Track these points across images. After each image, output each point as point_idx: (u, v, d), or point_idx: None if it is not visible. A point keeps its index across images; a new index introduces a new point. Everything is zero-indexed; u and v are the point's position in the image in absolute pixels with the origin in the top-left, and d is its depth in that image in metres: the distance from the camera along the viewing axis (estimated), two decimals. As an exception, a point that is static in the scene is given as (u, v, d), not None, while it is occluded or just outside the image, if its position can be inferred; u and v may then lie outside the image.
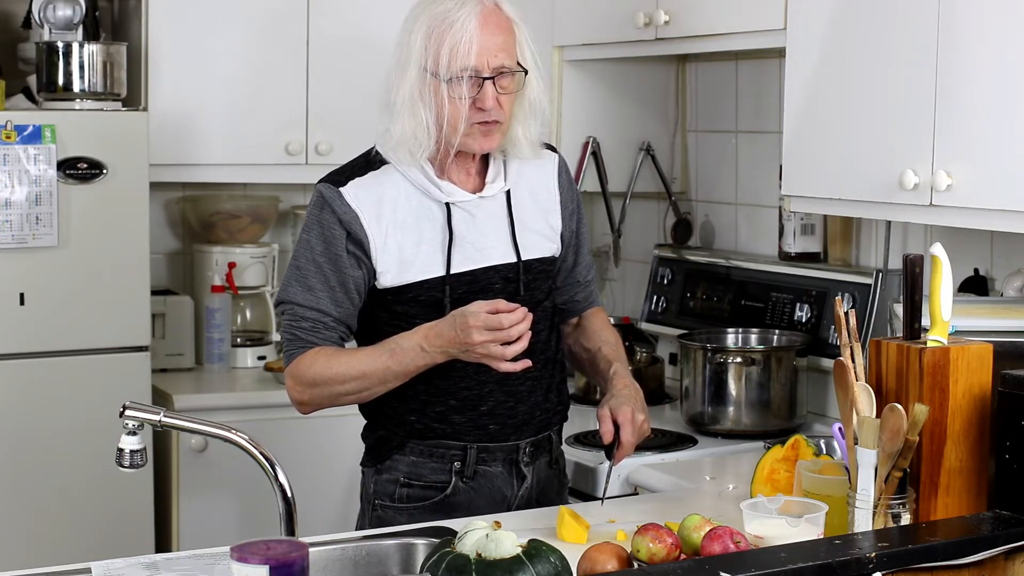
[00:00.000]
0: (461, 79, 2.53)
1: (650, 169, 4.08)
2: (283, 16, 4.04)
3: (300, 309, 2.60)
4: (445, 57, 2.53)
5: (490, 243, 2.63)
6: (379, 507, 2.67)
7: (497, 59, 2.55)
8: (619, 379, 2.71)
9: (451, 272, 2.59)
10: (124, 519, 3.71)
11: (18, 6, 4.09)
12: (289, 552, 1.78)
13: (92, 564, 2.23)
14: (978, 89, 2.65)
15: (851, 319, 2.25)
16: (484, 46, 2.53)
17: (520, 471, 2.66)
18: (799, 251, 3.67)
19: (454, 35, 2.53)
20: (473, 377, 2.61)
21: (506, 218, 2.66)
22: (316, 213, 2.61)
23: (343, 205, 2.59)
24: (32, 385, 3.63)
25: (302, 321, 2.60)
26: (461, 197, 2.62)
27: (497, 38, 2.55)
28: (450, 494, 2.63)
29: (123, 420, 2.15)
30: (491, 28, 2.55)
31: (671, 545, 2.14)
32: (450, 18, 2.54)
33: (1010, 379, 2.20)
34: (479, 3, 2.56)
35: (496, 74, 2.55)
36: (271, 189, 4.39)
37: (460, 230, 2.61)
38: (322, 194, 2.61)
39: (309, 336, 2.60)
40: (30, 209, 3.57)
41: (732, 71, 3.95)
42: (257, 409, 3.85)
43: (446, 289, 2.59)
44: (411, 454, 2.64)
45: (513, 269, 2.65)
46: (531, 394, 2.67)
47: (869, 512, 2.16)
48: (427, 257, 2.60)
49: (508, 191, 2.67)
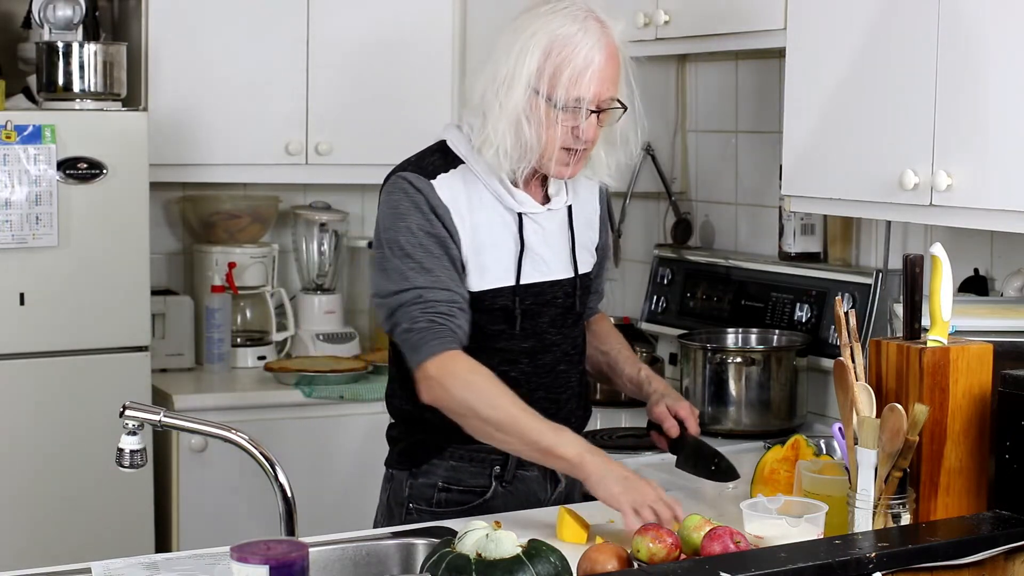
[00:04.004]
0: (576, 110, 2.48)
1: (650, 169, 4.08)
2: (283, 16, 4.04)
3: (428, 292, 2.47)
4: (564, 84, 2.46)
5: (554, 257, 2.63)
6: (414, 511, 2.64)
7: (608, 92, 2.50)
8: (656, 380, 2.78)
9: (520, 283, 2.59)
10: (124, 519, 3.71)
11: (18, 6, 4.09)
12: (289, 552, 1.78)
13: (92, 564, 2.23)
14: (978, 89, 2.65)
15: (851, 319, 2.25)
16: (603, 79, 2.48)
17: (555, 475, 2.67)
18: (799, 251, 3.66)
19: (576, 64, 2.46)
20: (524, 386, 2.59)
21: (567, 232, 2.66)
22: (408, 201, 2.52)
23: (436, 197, 2.52)
24: (32, 385, 3.63)
25: (437, 304, 2.47)
26: (533, 208, 2.59)
27: (612, 72, 2.50)
28: (489, 499, 2.62)
29: (123, 420, 2.15)
30: (610, 61, 2.49)
31: (671, 545, 2.14)
32: (573, 43, 2.47)
33: (1010, 379, 2.20)
34: (603, 31, 2.49)
35: (602, 109, 2.51)
36: (271, 189, 4.39)
37: (531, 241, 2.59)
38: (412, 183, 2.53)
39: (449, 322, 2.47)
40: (30, 209, 3.57)
41: (732, 71, 3.94)
42: (257, 409, 3.85)
43: (516, 300, 2.58)
44: (451, 459, 2.61)
45: (571, 284, 2.66)
46: (568, 403, 2.70)
47: (869, 512, 2.16)
48: (500, 265, 2.57)
49: (570, 206, 2.67)
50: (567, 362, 2.69)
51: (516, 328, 2.59)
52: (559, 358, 2.67)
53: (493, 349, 2.59)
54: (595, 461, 2.41)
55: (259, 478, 2.22)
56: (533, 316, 2.61)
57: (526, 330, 2.61)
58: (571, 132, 2.50)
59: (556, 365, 2.67)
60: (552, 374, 2.66)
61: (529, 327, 2.61)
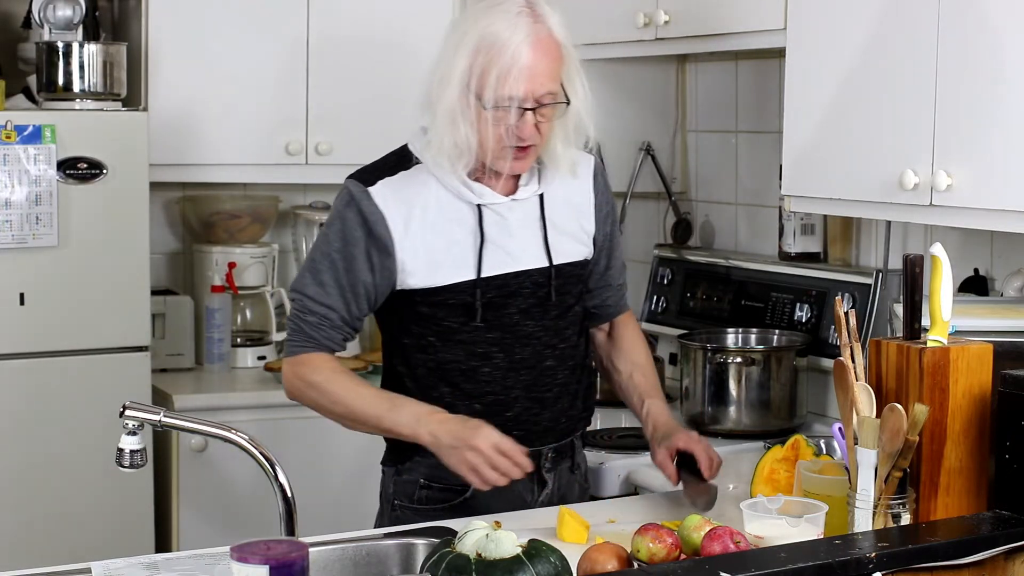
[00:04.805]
0: (507, 108, 2.47)
1: (650, 169, 4.08)
2: (283, 16, 4.04)
3: (309, 302, 2.58)
4: (491, 84, 2.46)
5: (521, 247, 2.60)
6: (398, 507, 2.65)
7: (543, 88, 2.48)
8: (655, 416, 2.71)
9: (482, 276, 2.57)
10: (124, 519, 3.71)
11: (18, 6, 4.09)
12: (289, 552, 1.78)
13: (92, 564, 2.23)
14: (978, 89, 2.65)
15: (851, 319, 2.25)
16: (533, 76, 2.46)
17: (541, 477, 2.65)
18: (799, 251, 3.66)
19: (503, 63, 2.45)
20: (500, 382, 2.59)
21: (539, 221, 2.62)
22: (341, 209, 2.58)
23: (370, 204, 2.55)
24: (32, 385, 3.63)
25: (309, 315, 2.58)
26: (493, 199, 2.58)
27: (546, 66, 2.48)
28: (469, 497, 2.60)
29: (123, 420, 2.15)
30: (541, 57, 2.47)
31: (671, 545, 2.14)
32: (500, 42, 2.45)
33: (1010, 379, 2.20)
34: (533, 26, 2.47)
35: (539, 105, 2.49)
36: (271, 189, 4.39)
37: (491, 233, 2.57)
38: (350, 191, 2.58)
39: (313, 332, 2.58)
40: (30, 209, 3.57)
41: (732, 71, 3.94)
42: (257, 409, 3.85)
43: (477, 293, 2.56)
44: (432, 456, 2.60)
45: (544, 274, 2.62)
46: (557, 401, 2.65)
47: (869, 512, 2.16)
48: (457, 260, 2.56)
49: (541, 194, 2.63)
50: (555, 357, 2.64)
51: (477, 319, 2.57)
52: (542, 352, 2.63)
53: (455, 342, 2.59)
54: (427, 432, 2.48)
55: (259, 478, 2.22)
56: (498, 308, 2.58)
57: (490, 322, 2.58)
58: (509, 131, 2.49)
59: (540, 361, 2.63)
60: (535, 371, 2.62)
61: (494, 319, 2.59)
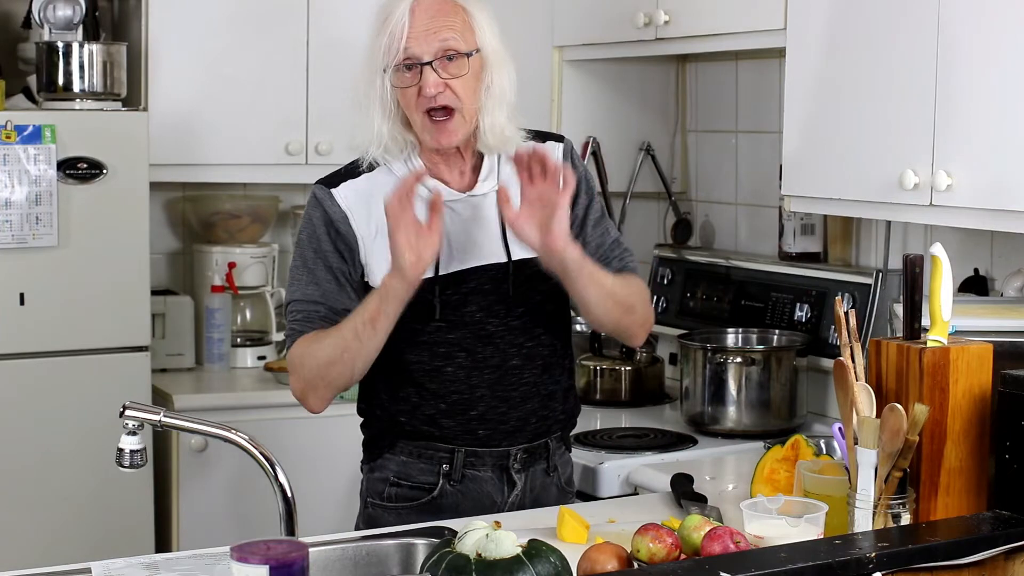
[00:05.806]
0: (401, 67, 2.50)
1: (650, 169, 4.08)
2: (283, 16, 4.04)
3: (294, 304, 2.60)
4: (382, 47, 2.51)
5: (478, 243, 2.59)
6: (370, 505, 2.67)
7: (437, 42, 2.49)
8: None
9: (439, 273, 2.56)
10: (124, 519, 3.71)
11: (18, 6, 4.09)
12: (289, 552, 1.78)
13: (92, 564, 2.23)
14: (978, 89, 2.65)
15: (851, 319, 2.25)
16: (419, 30, 2.49)
17: (511, 477, 2.64)
18: (799, 251, 3.67)
19: (393, 23, 2.50)
20: (464, 382, 2.59)
21: (497, 217, 2.59)
22: (309, 212, 2.62)
23: (333, 205, 2.58)
24: (32, 385, 3.63)
25: (296, 315, 2.59)
26: (448, 196, 2.57)
27: (437, 20, 2.50)
28: (437, 496, 2.61)
29: (123, 420, 2.15)
30: (428, 11, 2.50)
31: (671, 545, 2.14)
32: (388, 10, 2.52)
33: (1010, 379, 2.20)
34: None
35: (437, 58, 2.50)
36: (271, 189, 4.39)
37: (448, 229, 2.56)
38: (314, 195, 2.62)
39: (301, 327, 2.58)
40: (30, 209, 3.57)
41: (732, 71, 3.95)
42: (257, 409, 3.85)
43: (435, 290, 2.56)
44: (401, 454, 2.63)
45: (502, 269, 2.59)
46: (525, 401, 2.63)
47: (869, 512, 2.16)
48: None
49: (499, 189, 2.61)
50: (521, 356, 2.62)
51: (436, 317, 2.57)
52: (507, 351, 2.60)
53: (418, 343, 2.59)
54: (385, 280, 2.46)
55: (259, 478, 2.22)
56: (457, 306, 2.57)
57: (451, 320, 2.58)
58: (419, 93, 2.50)
59: (505, 360, 2.60)
60: (500, 370, 2.60)
61: (455, 317, 2.58)
